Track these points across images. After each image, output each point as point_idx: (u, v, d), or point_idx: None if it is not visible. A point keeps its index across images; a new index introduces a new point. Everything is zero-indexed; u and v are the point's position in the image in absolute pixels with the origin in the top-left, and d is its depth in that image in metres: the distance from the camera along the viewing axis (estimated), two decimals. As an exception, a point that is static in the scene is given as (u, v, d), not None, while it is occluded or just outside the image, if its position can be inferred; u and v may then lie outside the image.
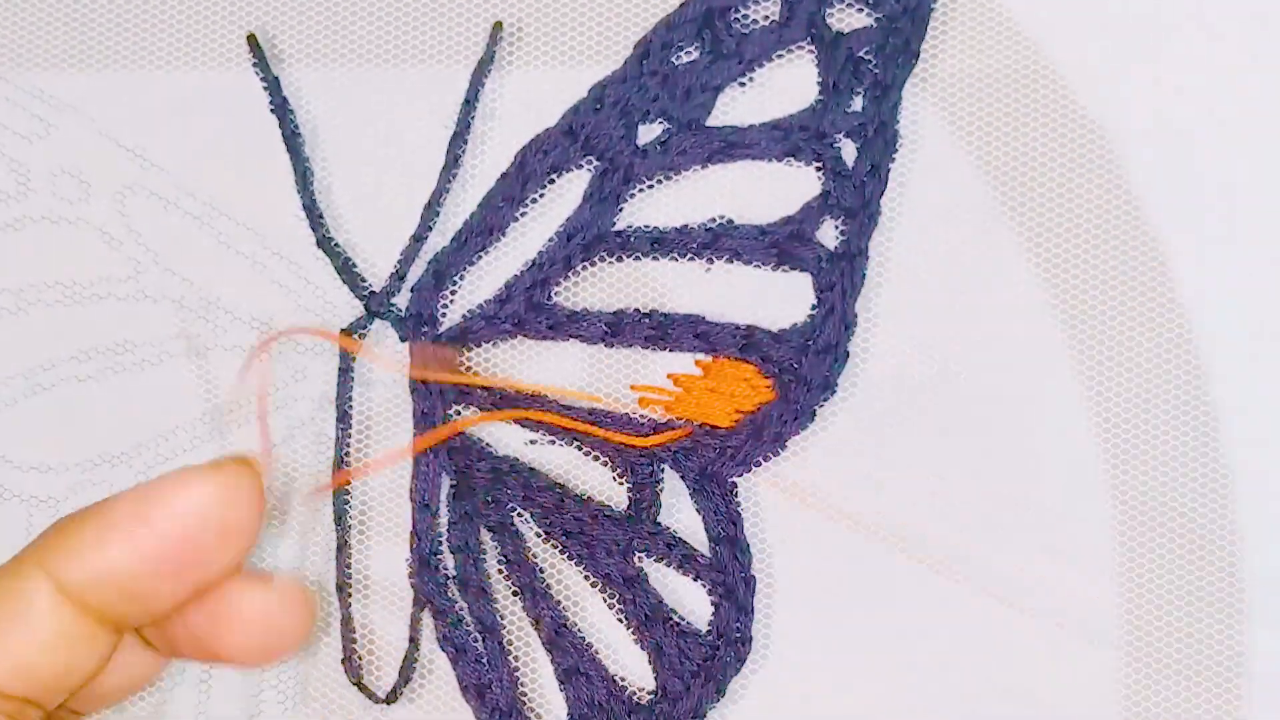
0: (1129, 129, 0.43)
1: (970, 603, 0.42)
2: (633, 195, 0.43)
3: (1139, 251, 0.43)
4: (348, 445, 0.43)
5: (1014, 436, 0.42)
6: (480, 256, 0.43)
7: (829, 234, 0.43)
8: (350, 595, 0.43)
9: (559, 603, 0.42)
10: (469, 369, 0.43)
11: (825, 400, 0.42)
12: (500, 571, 0.42)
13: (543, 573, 0.42)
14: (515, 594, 0.42)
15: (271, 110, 0.44)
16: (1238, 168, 0.43)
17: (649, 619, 0.42)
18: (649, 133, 0.43)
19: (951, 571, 0.42)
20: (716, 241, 0.43)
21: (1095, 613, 0.42)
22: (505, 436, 0.43)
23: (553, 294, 0.43)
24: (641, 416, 0.42)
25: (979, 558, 0.42)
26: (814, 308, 0.42)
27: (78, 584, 0.31)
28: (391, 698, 0.42)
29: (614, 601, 0.42)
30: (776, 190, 0.43)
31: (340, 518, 0.43)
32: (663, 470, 0.42)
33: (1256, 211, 0.43)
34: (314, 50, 0.44)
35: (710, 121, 0.43)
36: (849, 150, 0.43)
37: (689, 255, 0.43)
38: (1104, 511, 0.42)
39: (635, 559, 0.42)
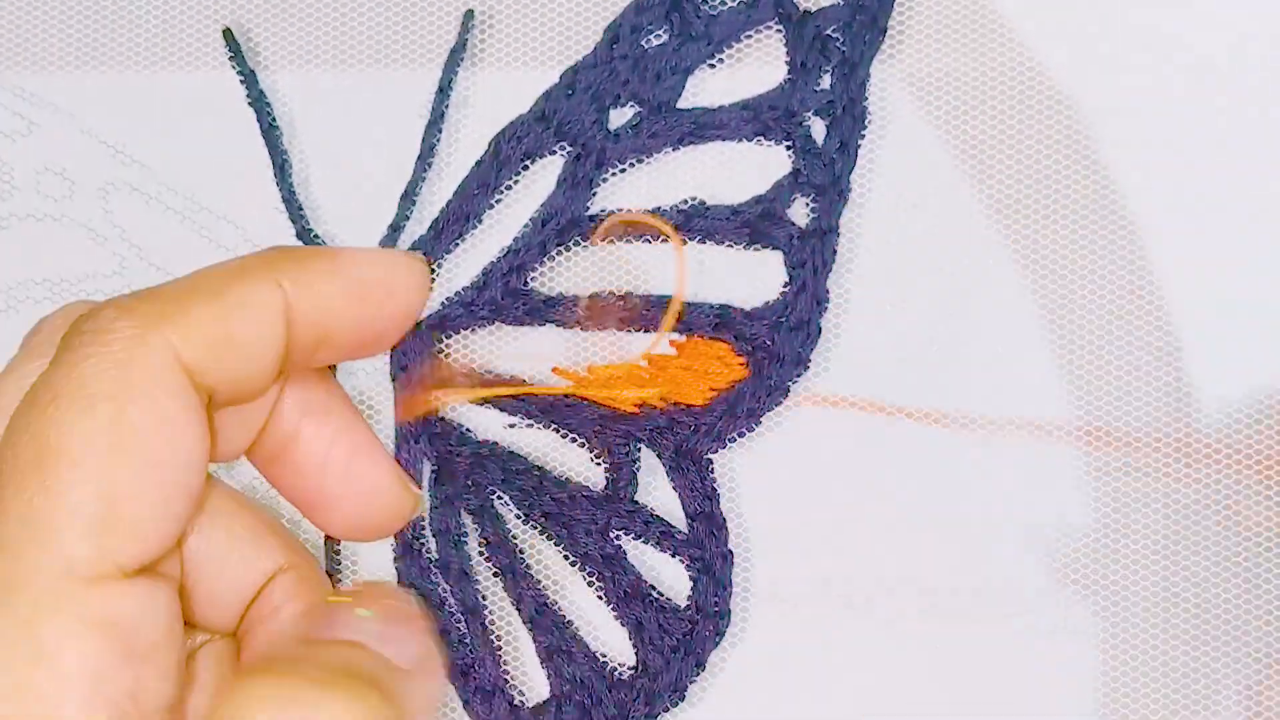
0: (1099, 104, 0.43)
1: (948, 573, 0.42)
2: (606, 179, 0.44)
3: (1110, 224, 0.43)
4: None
5: (988, 408, 0.43)
6: (457, 244, 0.44)
7: (800, 212, 0.43)
8: (339, 581, 0.43)
9: (540, 583, 0.43)
10: (447, 355, 0.44)
11: (798, 376, 0.42)
12: (482, 554, 0.43)
13: (523, 554, 0.43)
14: (496, 575, 0.43)
15: (249, 103, 0.44)
16: (1206, 139, 0.43)
17: (628, 596, 0.42)
18: (621, 116, 0.44)
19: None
20: (689, 223, 0.43)
21: (1072, 588, 0.42)
22: (485, 421, 0.43)
23: (529, 280, 0.44)
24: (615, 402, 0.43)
25: (956, 528, 0.43)
26: (786, 285, 0.43)
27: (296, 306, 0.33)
28: None
29: (594, 580, 0.43)
30: (748, 170, 0.43)
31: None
32: (639, 449, 0.43)
33: (1225, 179, 0.43)
34: (291, 49, 0.45)
35: (681, 103, 0.44)
36: (818, 128, 0.43)
37: (663, 237, 0.43)
38: (1082, 481, 0.42)
39: (614, 537, 0.43)
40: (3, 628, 0.28)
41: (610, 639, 0.43)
